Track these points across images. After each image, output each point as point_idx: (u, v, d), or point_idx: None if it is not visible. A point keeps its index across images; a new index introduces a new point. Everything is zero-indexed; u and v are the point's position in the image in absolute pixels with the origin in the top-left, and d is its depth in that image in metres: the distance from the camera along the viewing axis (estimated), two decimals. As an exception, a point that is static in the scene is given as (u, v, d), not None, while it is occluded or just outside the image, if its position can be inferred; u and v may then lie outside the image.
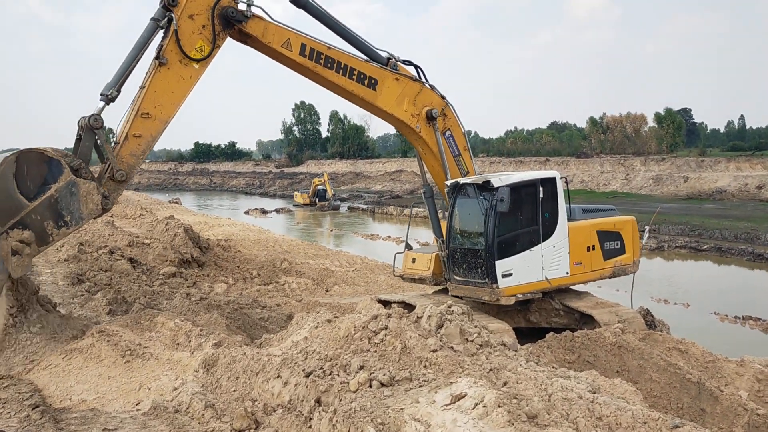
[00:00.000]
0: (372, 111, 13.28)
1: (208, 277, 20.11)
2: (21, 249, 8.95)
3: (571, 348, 10.03)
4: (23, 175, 9.01)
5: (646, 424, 5.45)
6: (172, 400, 7.57)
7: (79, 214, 9.53)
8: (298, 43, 11.66)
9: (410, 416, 5.61)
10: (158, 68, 10.50)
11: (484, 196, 12.59)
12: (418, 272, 14.07)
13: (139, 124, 10.45)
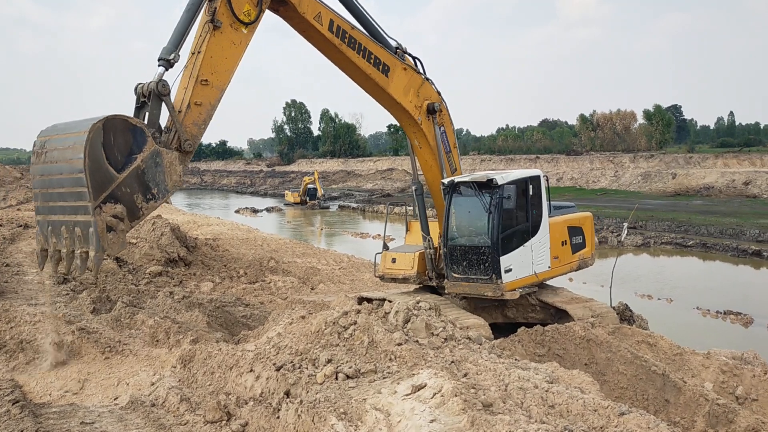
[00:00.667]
0: (381, 98, 13.14)
1: (195, 276, 20.28)
2: (115, 224, 8.08)
3: (541, 342, 10.31)
4: (110, 144, 8.05)
5: (596, 411, 5.71)
6: (149, 394, 7.81)
7: (165, 186, 8.81)
8: (327, 18, 11.49)
9: (372, 406, 5.86)
10: (212, 32, 9.89)
11: (487, 193, 12.85)
12: (401, 272, 14.09)
13: (199, 92, 9.78)
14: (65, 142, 7.97)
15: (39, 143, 8.24)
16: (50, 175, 8.15)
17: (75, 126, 8.08)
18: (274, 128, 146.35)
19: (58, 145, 8.07)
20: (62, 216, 8.19)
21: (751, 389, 9.92)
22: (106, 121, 8.00)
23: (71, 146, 7.85)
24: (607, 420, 5.73)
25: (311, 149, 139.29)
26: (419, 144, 13.73)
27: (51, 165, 8.12)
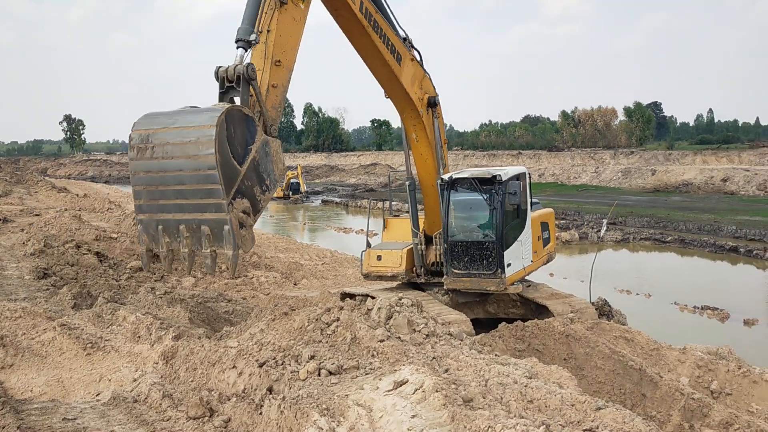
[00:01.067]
0: (391, 87, 12.86)
1: (176, 271, 20.19)
2: (245, 220, 7.70)
3: (522, 337, 10.46)
4: (232, 137, 7.57)
5: (573, 406, 5.84)
6: (131, 390, 7.82)
7: (274, 175, 8.35)
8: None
9: (354, 402, 5.94)
10: (279, 9, 9.31)
11: (491, 189, 13.00)
12: (388, 269, 13.98)
13: (274, 73, 9.15)
14: (184, 137, 7.42)
15: (139, 137, 7.58)
16: (163, 172, 7.56)
17: (187, 118, 7.58)
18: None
19: (171, 139, 7.48)
20: (181, 215, 7.71)
21: (726, 384, 10.14)
22: (227, 114, 7.51)
23: (194, 141, 7.33)
24: (584, 415, 5.85)
25: (294, 143, 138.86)
26: (417, 137, 13.59)
27: (164, 161, 7.50)
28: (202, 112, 7.60)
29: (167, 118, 7.64)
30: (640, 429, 5.49)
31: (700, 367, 10.37)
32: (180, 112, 7.76)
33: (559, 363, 9.40)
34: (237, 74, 8.26)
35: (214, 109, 7.60)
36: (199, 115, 7.53)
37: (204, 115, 7.47)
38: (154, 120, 7.65)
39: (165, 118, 7.65)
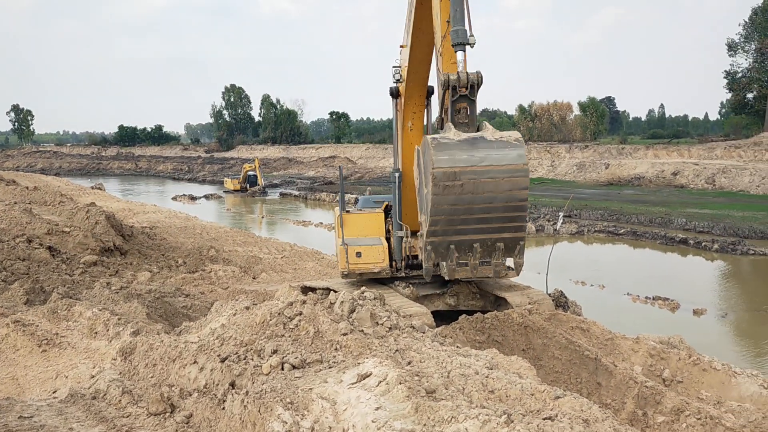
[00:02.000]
0: (422, 67, 12.38)
1: (131, 266, 19.87)
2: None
3: (481, 329, 10.60)
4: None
5: (533, 395, 5.98)
6: (89, 387, 7.69)
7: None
8: None
9: (318, 395, 5.96)
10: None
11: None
12: (371, 266, 13.61)
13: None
14: (496, 175, 8.01)
15: (445, 175, 7.95)
16: (470, 205, 8.16)
17: (495, 156, 8.00)
18: (213, 113, 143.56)
19: (483, 178, 8.03)
20: (478, 235, 8.47)
21: (677, 372, 10.46)
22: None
23: (509, 179, 8.05)
24: (543, 403, 6.00)
25: (251, 135, 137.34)
26: (412, 126, 13.26)
27: (474, 196, 8.12)
28: (509, 149, 8.06)
29: (469, 154, 7.99)
30: (597, 416, 5.65)
31: (653, 356, 10.66)
32: (479, 145, 8.07)
33: (518, 354, 9.56)
34: (471, 83, 8.43)
35: (518, 145, 8.14)
36: (508, 153, 8.03)
37: (513, 153, 8.04)
38: (456, 157, 7.97)
39: (466, 154, 7.98)
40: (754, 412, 8.79)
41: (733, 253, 27.60)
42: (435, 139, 8.07)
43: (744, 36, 74.53)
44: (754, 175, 52.78)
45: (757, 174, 52.62)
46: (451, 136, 8.14)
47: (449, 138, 8.06)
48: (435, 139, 8.07)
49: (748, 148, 60.08)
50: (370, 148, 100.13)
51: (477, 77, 8.49)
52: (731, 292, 22.77)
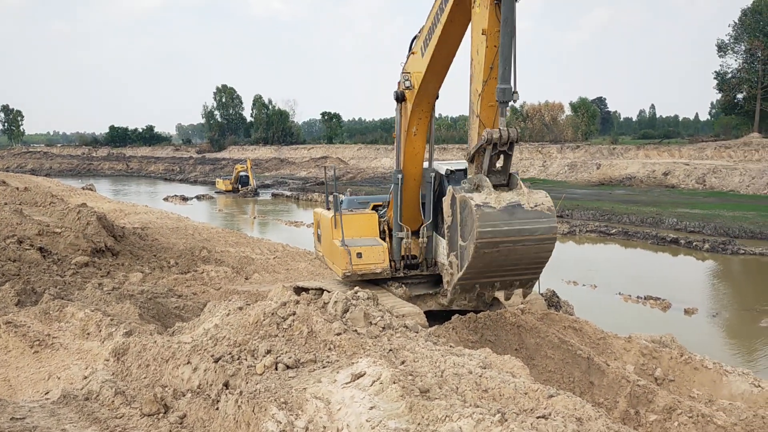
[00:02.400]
0: (442, 75, 12.35)
1: (123, 267, 19.79)
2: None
3: (474, 328, 10.63)
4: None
5: (526, 394, 6.00)
6: (82, 388, 7.66)
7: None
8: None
9: (312, 395, 5.97)
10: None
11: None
12: (371, 266, 13.50)
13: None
14: (529, 244, 9.14)
15: (486, 243, 8.93)
16: (505, 262, 9.30)
17: (529, 228, 9.03)
18: (204, 114, 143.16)
19: (518, 246, 9.13)
20: (502, 278, 9.71)
21: (669, 370, 10.53)
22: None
23: (538, 246, 9.23)
24: (536, 402, 6.02)
25: (243, 136, 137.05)
26: (417, 131, 13.03)
27: (507, 258, 9.21)
28: (543, 219, 9.05)
29: (509, 225, 8.98)
30: (590, 415, 5.68)
31: (645, 355, 10.73)
32: (517, 215, 8.99)
33: (511, 353, 9.59)
34: (511, 139, 9.12)
35: (550, 215, 9.14)
36: (542, 224, 9.06)
37: (546, 225, 9.08)
38: (497, 229, 8.92)
39: (506, 226, 8.96)
40: (745, 410, 8.85)
41: (724, 252, 27.77)
42: (479, 208, 8.83)
43: (733, 37, 75.05)
44: (744, 175, 53.13)
45: (747, 174, 52.97)
46: (492, 202, 8.95)
47: (491, 206, 8.89)
48: (479, 208, 8.83)
49: (738, 148, 60.47)
50: (362, 148, 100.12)
51: (517, 135, 9.18)
52: (722, 292, 22.92)
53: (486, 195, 9.09)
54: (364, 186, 62.42)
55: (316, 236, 16.46)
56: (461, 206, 9.35)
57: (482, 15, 9.04)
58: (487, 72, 9.18)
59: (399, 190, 13.50)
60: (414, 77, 12.24)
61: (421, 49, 11.56)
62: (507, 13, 8.74)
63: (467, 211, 9.14)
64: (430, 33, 11.16)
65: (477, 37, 9.33)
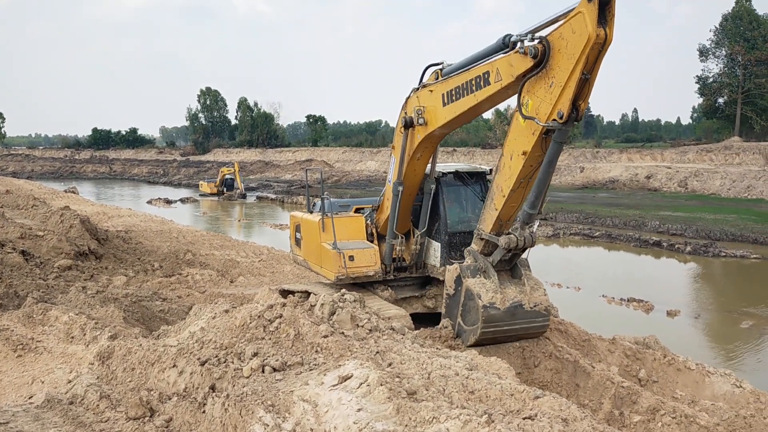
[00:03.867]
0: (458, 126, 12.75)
1: (107, 270, 19.64)
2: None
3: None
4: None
5: (512, 395, 6.04)
6: (66, 392, 7.59)
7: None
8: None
9: (299, 397, 5.97)
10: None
11: (483, 182, 13.76)
12: (363, 269, 13.53)
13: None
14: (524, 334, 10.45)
15: (488, 338, 10.15)
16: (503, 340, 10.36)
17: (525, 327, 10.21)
18: (188, 116, 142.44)
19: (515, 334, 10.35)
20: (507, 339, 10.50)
21: (652, 372, 10.64)
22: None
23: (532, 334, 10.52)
24: (523, 403, 6.07)
25: (228, 138, 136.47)
26: (421, 156, 12.85)
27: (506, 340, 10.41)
28: (539, 320, 10.17)
29: (509, 325, 10.02)
30: (575, 415, 5.73)
31: (629, 357, 10.83)
32: (518, 315, 9.94)
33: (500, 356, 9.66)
34: (526, 246, 9.85)
35: (546, 315, 10.24)
36: (538, 324, 10.27)
37: (540, 324, 10.26)
38: (499, 328, 9.97)
39: (507, 326, 10.00)
40: (727, 410, 8.97)
41: (705, 255, 28.07)
42: (486, 309, 9.70)
43: (715, 42, 76.00)
44: (725, 178, 53.76)
45: (728, 177, 53.60)
46: (497, 303, 9.78)
47: (496, 307, 9.73)
48: (486, 309, 9.70)
49: (719, 152, 61.19)
50: (347, 151, 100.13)
51: (533, 241, 9.81)
52: (704, 294, 23.16)
53: (492, 292, 9.84)
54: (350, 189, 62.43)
55: (293, 240, 16.35)
56: (467, 294, 10.14)
57: (526, 138, 9.04)
58: (517, 183, 9.44)
59: (398, 201, 13.43)
60: (428, 114, 11.95)
61: (443, 97, 11.25)
62: (552, 155, 8.84)
63: (472, 304, 9.97)
64: (458, 93, 10.87)
65: (517, 144, 9.38)
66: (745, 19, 73.04)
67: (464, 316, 10.22)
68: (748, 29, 72.41)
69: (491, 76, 9.72)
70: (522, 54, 8.80)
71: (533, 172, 9.23)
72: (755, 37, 71.24)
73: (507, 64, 9.28)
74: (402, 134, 12.71)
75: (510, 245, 9.73)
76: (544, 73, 8.53)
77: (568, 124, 8.45)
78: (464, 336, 10.23)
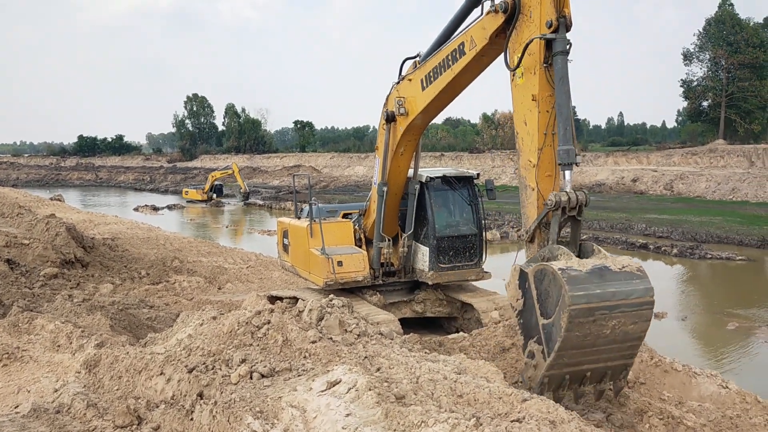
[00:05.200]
0: (440, 111, 12.35)
1: (93, 278, 19.51)
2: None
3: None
4: None
5: (500, 399, 6.07)
6: (52, 401, 7.54)
7: None
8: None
9: (288, 403, 5.96)
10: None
11: (469, 186, 14.04)
12: (352, 274, 13.54)
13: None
14: (626, 310, 7.70)
15: (581, 312, 7.48)
16: (598, 338, 7.72)
17: (625, 290, 7.68)
18: (175, 123, 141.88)
19: (615, 312, 7.66)
20: (593, 365, 7.99)
21: (640, 374, 10.68)
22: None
23: (636, 312, 7.76)
24: (511, 406, 6.09)
25: (215, 144, 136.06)
26: (404, 151, 12.88)
27: (604, 329, 7.70)
28: (636, 281, 7.74)
29: (601, 288, 7.59)
30: (563, 417, 5.76)
31: (616, 359, 10.87)
32: (607, 277, 7.65)
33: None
34: (580, 203, 8.24)
35: (643, 276, 7.81)
36: (636, 286, 7.74)
37: (641, 286, 7.75)
38: (590, 293, 7.53)
39: (599, 289, 7.58)
40: (713, 411, 9.04)
41: (692, 257, 28.29)
42: (564, 272, 7.50)
43: (698, 46, 76.79)
44: (710, 181, 54.24)
45: (713, 180, 54.08)
46: (575, 265, 7.68)
47: (576, 269, 7.60)
48: (564, 272, 7.50)
49: (704, 154, 61.74)
50: (335, 156, 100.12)
51: (585, 198, 8.36)
52: (690, 296, 23.33)
53: (566, 259, 7.86)
54: (338, 194, 62.39)
55: (281, 246, 16.37)
56: (537, 278, 7.95)
57: (530, 82, 8.43)
58: (542, 139, 8.46)
59: (383, 202, 13.43)
60: (409, 104, 11.91)
61: (422, 82, 11.16)
62: (562, 72, 8.16)
63: (548, 281, 7.77)
64: (436, 72, 10.69)
65: (524, 106, 8.61)
66: (728, 23, 73.82)
67: (544, 308, 7.85)
68: (731, 33, 73.20)
69: (466, 45, 9.69)
70: (493, 13, 8.80)
71: (551, 118, 8.44)
72: (738, 41, 72.00)
73: (480, 29, 9.27)
74: (384, 131, 12.80)
75: (560, 201, 8.06)
76: (521, 20, 8.45)
77: (560, 32, 8.10)
78: (552, 333, 7.67)
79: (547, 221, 8.38)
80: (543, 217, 8.38)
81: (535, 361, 7.86)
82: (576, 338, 7.57)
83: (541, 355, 7.80)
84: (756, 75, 72.33)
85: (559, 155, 8.23)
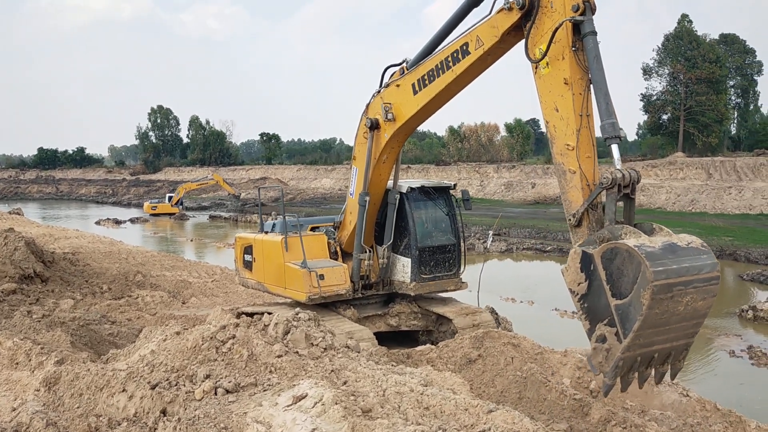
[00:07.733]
0: (430, 116, 12.11)
1: (53, 293, 19.08)
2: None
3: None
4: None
5: (467, 410, 6.10)
6: (10, 420, 7.34)
7: None
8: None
9: (253, 419, 5.90)
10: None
11: (446, 196, 14.15)
12: (334, 288, 13.26)
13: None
14: (698, 284, 7.48)
15: (662, 288, 7.22)
16: (671, 315, 7.50)
17: (696, 265, 7.48)
18: (138, 135, 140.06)
19: (689, 287, 7.42)
20: (661, 345, 7.70)
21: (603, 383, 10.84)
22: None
23: (705, 287, 7.51)
24: (477, 418, 6.13)
25: (179, 157, 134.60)
26: (386, 158, 12.78)
27: (677, 306, 7.47)
28: (704, 256, 7.62)
29: (677, 264, 7.40)
30: (528, 428, 5.81)
31: (580, 369, 11.00)
32: (678, 252, 7.47)
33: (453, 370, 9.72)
34: (632, 180, 7.96)
35: (708, 251, 7.71)
36: (705, 261, 7.59)
37: (708, 261, 7.60)
38: (669, 268, 7.31)
39: (675, 264, 7.39)
40: (675, 419, 9.22)
41: (653, 267, 28.82)
42: (641, 249, 7.20)
43: (658, 61, 78.74)
44: (670, 192, 55.50)
45: (673, 192, 55.35)
46: (647, 242, 7.43)
47: (650, 246, 7.36)
48: (641, 249, 7.20)
49: (664, 167, 63.12)
50: (301, 169, 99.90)
51: (638, 175, 8.15)
52: (652, 305, 23.71)
53: (636, 239, 7.51)
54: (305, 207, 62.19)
55: (240, 262, 15.59)
56: (606, 258, 7.58)
57: (560, 67, 8.31)
58: (578, 121, 8.35)
59: (364, 212, 13.24)
60: (396, 109, 11.76)
61: (414, 86, 11.03)
62: (595, 50, 8.10)
63: (621, 259, 7.45)
64: (432, 75, 10.56)
65: (554, 93, 8.48)
66: (686, 39, 75.91)
67: (618, 288, 7.51)
68: (688, 48, 75.23)
69: (471, 45, 9.59)
70: (506, 10, 8.72)
71: (584, 100, 8.36)
72: (695, 57, 74.01)
73: (489, 27, 9.17)
74: (366, 139, 12.68)
75: (615, 177, 7.78)
76: (541, 12, 8.36)
77: (587, 14, 8.07)
78: (630, 312, 7.35)
79: (595, 203, 8.20)
80: (594, 198, 8.15)
81: (608, 344, 7.59)
82: (655, 316, 7.40)
83: (614, 338, 7.54)
84: (713, 89, 74.36)
85: (604, 129, 8.15)
